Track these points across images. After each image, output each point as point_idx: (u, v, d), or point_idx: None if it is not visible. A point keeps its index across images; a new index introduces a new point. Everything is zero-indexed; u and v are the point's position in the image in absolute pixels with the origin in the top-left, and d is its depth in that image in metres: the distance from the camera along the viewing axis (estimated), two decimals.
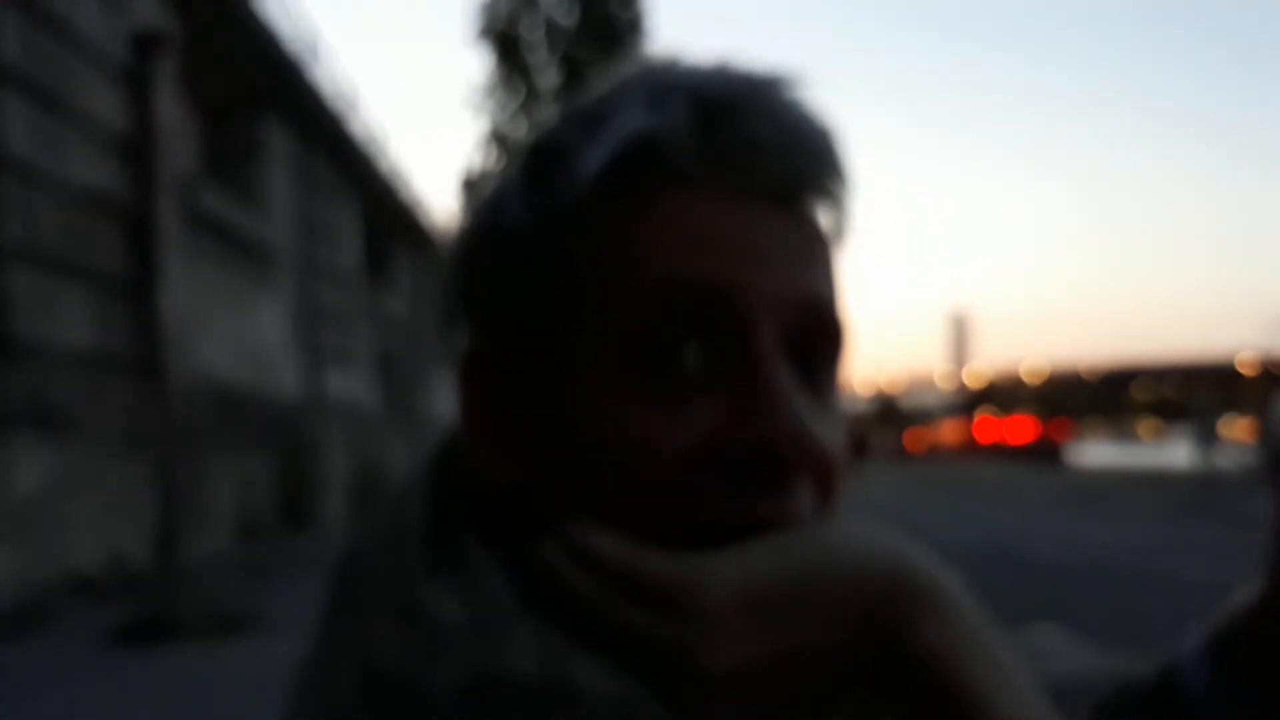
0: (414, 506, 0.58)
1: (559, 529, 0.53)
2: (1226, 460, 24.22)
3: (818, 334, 0.57)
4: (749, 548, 0.51)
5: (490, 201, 0.60)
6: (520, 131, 31.17)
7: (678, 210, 0.54)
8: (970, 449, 56.56)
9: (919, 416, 65.42)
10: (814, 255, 0.58)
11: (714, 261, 0.53)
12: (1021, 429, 55.15)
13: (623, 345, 0.53)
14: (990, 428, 60.54)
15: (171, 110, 10.90)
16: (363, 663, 0.51)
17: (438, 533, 0.56)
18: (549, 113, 0.62)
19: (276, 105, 14.98)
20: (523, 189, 0.58)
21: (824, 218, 0.59)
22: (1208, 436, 23.18)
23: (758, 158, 0.55)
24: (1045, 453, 47.54)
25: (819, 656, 0.51)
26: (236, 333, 13.08)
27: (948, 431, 60.71)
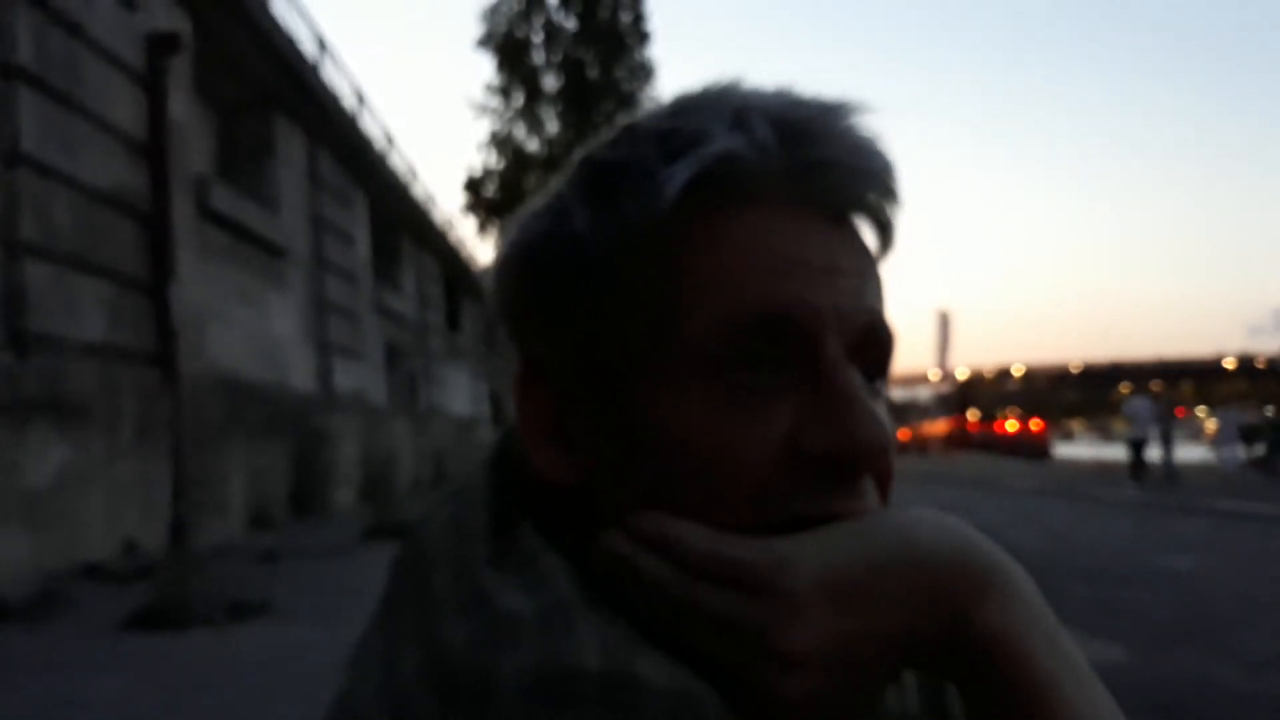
0: (477, 503, 0.59)
1: (627, 521, 0.55)
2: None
3: (873, 344, 0.59)
4: (827, 533, 0.53)
5: (545, 215, 0.61)
6: (523, 130, 31.20)
7: (755, 230, 0.56)
8: (957, 444, 56.56)
9: (906, 412, 65.39)
10: (871, 271, 0.60)
11: (789, 282, 0.55)
12: (1008, 425, 55.12)
13: (698, 357, 0.54)
14: (977, 424, 60.52)
15: (184, 110, 10.88)
16: (429, 649, 0.51)
17: (500, 528, 0.57)
18: (551, 113, 0.62)
19: (287, 106, 14.96)
20: (590, 203, 0.58)
21: (875, 234, 0.62)
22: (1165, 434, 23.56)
23: (829, 179, 0.57)
24: (1031, 448, 47.51)
25: (888, 638, 0.52)
26: (248, 327, 13.07)
27: (935, 427, 60.68)
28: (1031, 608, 0.53)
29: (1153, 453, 21.98)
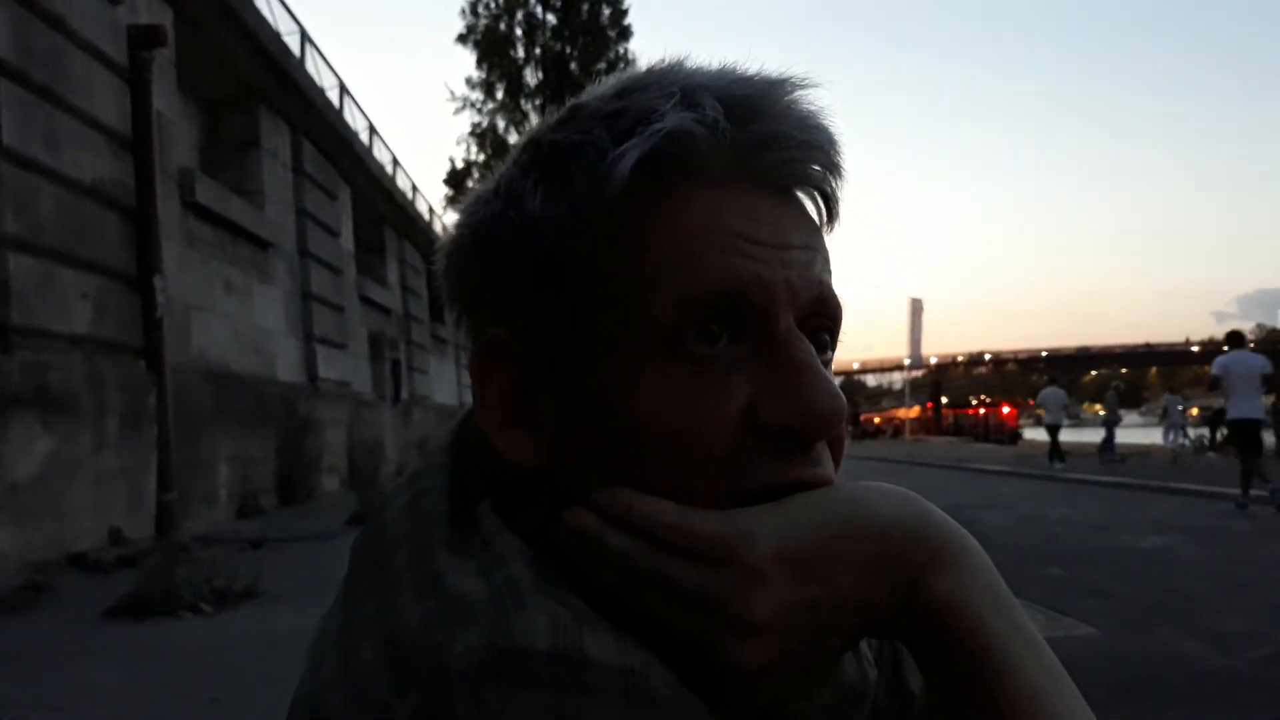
0: (435, 484, 0.59)
1: (592, 498, 0.55)
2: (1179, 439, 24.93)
3: (823, 314, 0.59)
4: (787, 504, 0.54)
5: (497, 196, 0.60)
6: (504, 123, 31.08)
7: (707, 208, 0.56)
8: (930, 428, 56.88)
9: (880, 397, 65.69)
10: (818, 244, 0.61)
11: (746, 261, 0.55)
12: (979, 410, 55.42)
13: (656, 335, 0.55)
14: (949, 408, 60.82)
15: (168, 104, 10.78)
16: (385, 631, 0.51)
17: (458, 510, 0.57)
18: (549, 114, 0.61)
19: (271, 99, 14.86)
20: (540, 185, 0.58)
21: (823, 207, 0.63)
22: (1110, 418, 24.43)
23: (777, 154, 0.57)
24: (1001, 432, 47.78)
25: (846, 606, 0.53)
26: (234, 319, 12.99)
27: (908, 412, 61.01)
28: (983, 577, 0.55)
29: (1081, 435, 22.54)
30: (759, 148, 0.57)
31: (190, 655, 5.28)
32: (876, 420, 59.48)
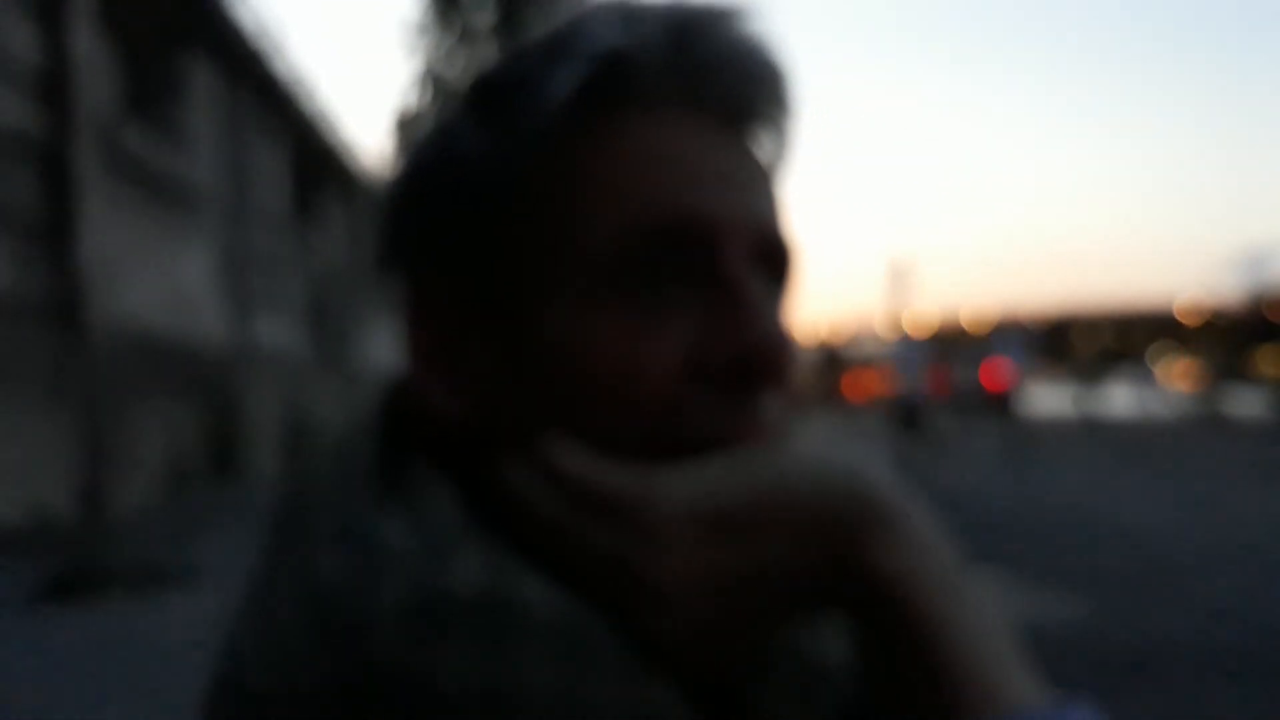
0: (362, 441, 0.60)
1: (525, 448, 0.55)
2: (1164, 406, 25.27)
3: (772, 256, 0.60)
4: (706, 464, 0.53)
5: (435, 135, 0.61)
6: (455, 70, 30.75)
7: (648, 137, 0.57)
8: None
9: (861, 365, 65.93)
10: (763, 181, 0.61)
11: (687, 190, 0.56)
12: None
13: (596, 270, 0.55)
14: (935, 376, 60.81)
15: (89, 45, 10.60)
16: (305, 587, 0.51)
17: (386, 466, 0.57)
18: (485, 52, 0.61)
19: (200, 41, 14.61)
20: (477, 119, 0.58)
21: (772, 143, 0.63)
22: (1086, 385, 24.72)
23: (725, 81, 0.58)
24: (989, 400, 47.93)
25: (773, 576, 0.52)
26: (161, 278, 12.84)
27: (883, 382, 61.05)
28: (925, 550, 0.52)
29: None
30: (703, 75, 0.57)
31: (123, 640, 5.29)
32: (856, 390, 59.44)
